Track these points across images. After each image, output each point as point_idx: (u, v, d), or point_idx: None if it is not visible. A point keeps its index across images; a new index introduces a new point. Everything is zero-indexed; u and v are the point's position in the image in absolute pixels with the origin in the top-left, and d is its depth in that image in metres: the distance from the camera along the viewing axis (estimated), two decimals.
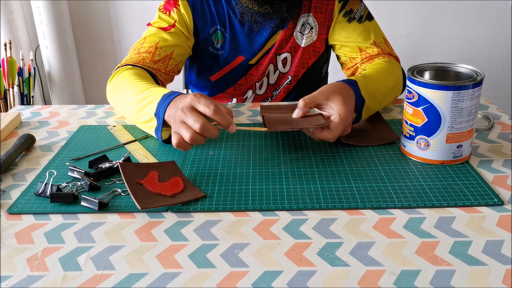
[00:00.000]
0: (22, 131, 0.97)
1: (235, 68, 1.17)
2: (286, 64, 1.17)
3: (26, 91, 2.15)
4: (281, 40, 1.14)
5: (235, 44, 1.14)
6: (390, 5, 2.26)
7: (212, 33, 1.14)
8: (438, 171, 0.77)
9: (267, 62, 1.16)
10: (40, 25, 2.17)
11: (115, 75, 1.01)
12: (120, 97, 0.96)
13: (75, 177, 0.77)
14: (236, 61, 1.16)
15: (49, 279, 0.56)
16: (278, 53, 1.16)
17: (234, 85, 1.20)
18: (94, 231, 0.64)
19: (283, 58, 1.16)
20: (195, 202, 0.70)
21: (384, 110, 1.03)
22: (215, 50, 1.15)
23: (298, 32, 1.14)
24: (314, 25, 1.14)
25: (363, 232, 0.63)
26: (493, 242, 0.60)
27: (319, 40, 1.15)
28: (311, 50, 1.16)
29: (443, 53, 2.35)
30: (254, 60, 1.16)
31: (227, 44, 1.14)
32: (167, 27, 1.09)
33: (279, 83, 1.20)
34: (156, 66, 1.05)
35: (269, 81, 1.20)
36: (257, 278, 0.55)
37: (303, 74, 1.19)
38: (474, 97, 0.75)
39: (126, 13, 2.31)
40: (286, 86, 1.20)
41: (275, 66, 1.18)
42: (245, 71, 1.18)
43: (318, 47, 1.16)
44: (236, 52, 1.15)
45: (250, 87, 1.21)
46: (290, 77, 1.19)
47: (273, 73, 1.19)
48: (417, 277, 0.54)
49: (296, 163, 0.81)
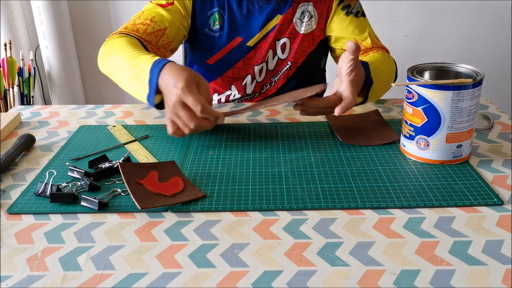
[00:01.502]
0: (22, 131, 0.97)
1: (233, 50, 1.18)
2: (285, 50, 1.18)
3: (26, 91, 2.15)
4: (280, 25, 1.15)
5: (234, 25, 1.15)
6: (390, 5, 2.26)
7: (210, 15, 1.15)
8: (438, 171, 0.77)
9: (267, 46, 1.17)
10: (40, 25, 2.17)
11: (108, 42, 1.03)
12: (111, 62, 0.98)
13: (75, 177, 0.77)
14: (234, 43, 1.17)
15: (49, 279, 0.56)
16: (277, 38, 1.17)
17: (232, 68, 1.20)
18: (94, 231, 0.64)
19: (282, 43, 1.17)
20: (195, 202, 0.70)
21: (384, 110, 1.03)
22: (212, 32, 1.16)
23: (298, 19, 1.16)
24: (313, 14, 1.16)
25: (363, 232, 0.63)
26: (493, 242, 0.60)
27: (318, 29, 1.17)
28: (310, 38, 1.18)
29: (443, 53, 2.35)
30: (252, 42, 1.17)
31: (226, 26, 1.15)
32: (165, 4, 1.11)
33: (278, 69, 1.20)
34: (148, 38, 1.07)
35: (268, 67, 1.20)
36: (257, 278, 0.55)
37: (303, 61, 1.20)
38: (474, 97, 0.75)
39: (126, 13, 2.31)
40: (286, 72, 1.20)
41: (274, 52, 1.18)
42: (243, 54, 1.18)
43: (317, 36, 1.18)
44: (234, 33, 1.16)
45: (249, 71, 1.20)
46: (290, 63, 1.19)
47: (272, 59, 1.19)
48: (417, 277, 0.55)
49: (296, 163, 0.81)
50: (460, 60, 2.29)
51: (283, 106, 1.07)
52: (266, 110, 1.05)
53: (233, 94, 1.25)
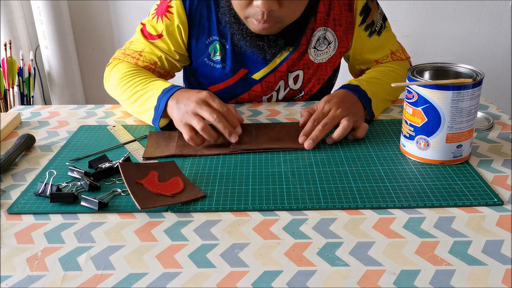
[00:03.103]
0: (22, 131, 0.97)
1: (237, 82, 1.08)
2: (297, 81, 1.08)
3: (26, 91, 2.15)
4: (292, 59, 1.04)
5: (237, 56, 1.04)
6: (390, 5, 2.26)
7: (209, 44, 1.04)
8: (438, 171, 0.77)
9: (277, 79, 1.07)
10: (40, 25, 2.17)
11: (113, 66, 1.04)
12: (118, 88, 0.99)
13: (75, 177, 0.77)
14: (238, 75, 1.07)
15: (49, 279, 0.56)
16: (290, 71, 1.07)
17: (237, 98, 1.11)
18: (94, 231, 0.64)
19: (295, 75, 1.07)
20: (195, 202, 0.70)
21: (384, 110, 1.03)
22: (212, 63, 1.06)
23: (312, 48, 1.05)
24: (333, 39, 1.04)
25: (363, 232, 0.63)
26: (493, 242, 0.60)
27: (336, 54, 1.07)
28: (328, 66, 1.08)
29: (443, 53, 2.35)
30: (259, 76, 1.06)
31: (228, 57, 1.04)
32: (155, 36, 1.02)
33: (289, 97, 1.12)
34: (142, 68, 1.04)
35: (278, 97, 1.12)
36: (257, 278, 0.55)
37: (318, 90, 1.12)
38: (474, 97, 0.75)
39: (126, 13, 2.31)
40: (297, 100, 1.13)
41: (286, 83, 1.08)
42: (248, 87, 1.08)
43: (335, 61, 1.08)
44: (238, 66, 1.05)
45: (254, 100, 1.12)
46: (303, 93, 1.11)
47: (283, 90, 1.10)
48: (417, 277, 0.55)
49: (296, 163, 0.81)
50: (460, 60, 2.29)
51: (283, 106, 1.07)
52: (266, 110, 1.05)
53: None
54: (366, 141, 0.88)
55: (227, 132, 0.84)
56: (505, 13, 2.26)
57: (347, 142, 0.88)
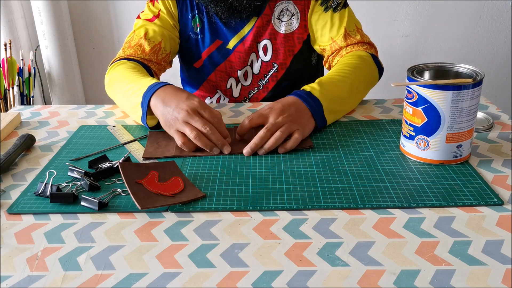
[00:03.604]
0: (22, 131, 0.97)
1: (214, 52, 1.17)
2: (267, 52, 1.16)
3: (26, 91, 2.15)
4: (258, 27, 1.13)
5: (213, 28, 1.15)
6: (390, 5, 2.26)
7: (191, 18, 1.15)
8: (438, 171, 0.77)
9: (247, 49, 1.15)
10: (40, 25, 2.17)
11: (110, 70, 1.05)
12: (115, 90, 1.01)
13: (75, 177, 0.77)
14: (214, 45, 1.17)
15: (49, 279, 0.56)
16: (258, 41, 1.15)
17: (215, 71, 1.20)
18: (94, 231, 0.64)
19: (263, 45, 1.15)
20: (195, 202, 0.70)
21: (384, 110, 1.03)
22: (195, 35, 1.16)
23: (276, 18, 1.13)
24: (295, 11, 1.13)
25: (363, 232, 0.63)
26: (493, 242, 0.60)
27: (301, 27, 1.14)
28: (295, 37, 1.15)
29: (443, 53, 2.35)
30: (230, 45, 1.16)
31: (206, 28, 1.15)
32: (152, 17, 1.12)
33: (264, 72, 1.18)
34: (148, 57, 1.09)
35: (253, 71, 1.19)
36: (257, 278, 0.55)
37: (291, 61, 1.17)
38: (474, 97, 0.75)
39: (126, 13, 2.31)
40: (274, 75, 1.18)
41: (257, 55, 1.16)
42: (224, 57, 1.17)
43: (301, 34, 1.15)
44: (214, 36, 1.16)
45: (231, 74, 1.19)
46: (276, 66, 1.17)
47: (256, 62, 1.17)
48: (417, 277, 0.55)
49: (296, 163, 0.81)
50: (460, 60, 2.29)
51: None
52: None
53: (222, 98, 1.24)
54: (366, 141, 0.88)
55: (220, 144, 0.84)
56: (505, 13, 2.26)
57: (347, 142, 0.88)
